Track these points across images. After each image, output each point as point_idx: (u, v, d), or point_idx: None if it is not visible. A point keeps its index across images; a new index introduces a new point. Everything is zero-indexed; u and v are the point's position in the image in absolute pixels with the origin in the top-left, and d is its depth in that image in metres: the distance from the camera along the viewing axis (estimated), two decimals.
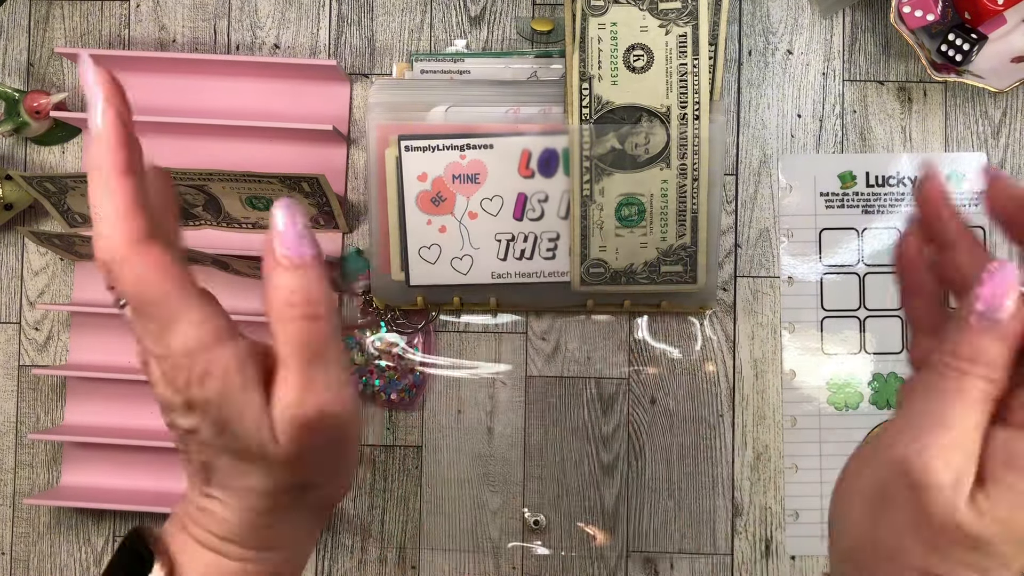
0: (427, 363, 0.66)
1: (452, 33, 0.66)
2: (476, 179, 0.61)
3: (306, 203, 0.62)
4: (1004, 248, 0.65)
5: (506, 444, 0.66)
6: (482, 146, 0.60)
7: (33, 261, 0.68)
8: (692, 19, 0.58)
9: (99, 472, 0.67)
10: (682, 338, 0.66)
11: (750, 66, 0.66)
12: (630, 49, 0.58)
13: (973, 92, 0.65)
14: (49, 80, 0.68)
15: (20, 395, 0.68)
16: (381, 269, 0.63)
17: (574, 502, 0.65)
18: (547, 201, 0.61)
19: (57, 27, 0.68)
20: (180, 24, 0.68)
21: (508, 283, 0.62)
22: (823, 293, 0.65)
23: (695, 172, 0.59)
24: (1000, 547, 0.27)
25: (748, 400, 0.65)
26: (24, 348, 0.68)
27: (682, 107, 0.58)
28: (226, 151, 0.66)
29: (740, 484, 0.65)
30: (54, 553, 0.67)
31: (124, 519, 0.67)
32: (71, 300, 0.67)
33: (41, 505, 0.67)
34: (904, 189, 0.65)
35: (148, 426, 0.66)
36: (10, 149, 0.68)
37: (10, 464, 0.67)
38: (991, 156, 0.65)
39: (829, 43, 0.66)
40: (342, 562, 0.66)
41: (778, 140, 0.66)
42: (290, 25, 0.67)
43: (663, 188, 0.60)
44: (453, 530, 0.66)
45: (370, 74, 0.67)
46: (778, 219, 0.66)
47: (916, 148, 0.65)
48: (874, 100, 0.66)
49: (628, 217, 0.60)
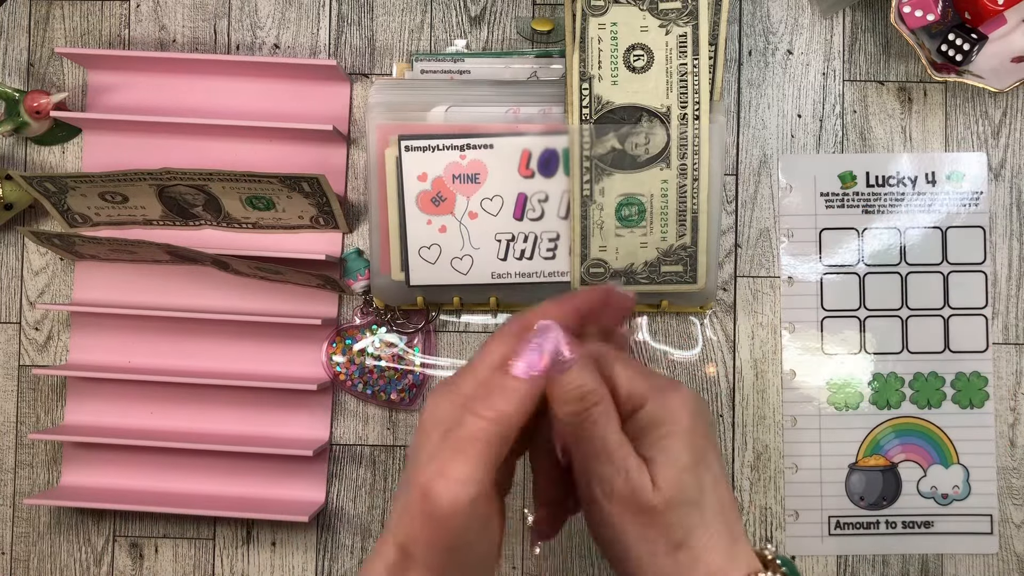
0: (427, 363, 0.66)
1: (452, 33, 0.66)
2: (476, 179, 0.61)
3: (306, 203, 0.62)
4: (1004, 248, 0.65)
5: None
6: (482, 146, 0.60)
7: (33, 261, 0.68)
8: (692, 19, 0.58)
9: (99, 472, 0.67)
10: (682, 338, 0.66)
11: (750, 66, 0.66)
12: (630, 49, 0.58)
13: (973, 92, 0.65)
14: (49, 80, 0.68)
15: (20, 395, 0.68)
16: (381, 269, 0.63)
17: None
18: (547, 201, 0.61)
19: (57, 27, 0.68)
20: (180, 24, 0.68)
21: (508, 283, 0.62)
22: (823, 293, 0.65)
23: (695, 172, 0.59)
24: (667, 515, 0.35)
25: (748, 400, 0.65)
26: (24, 348, 0.68)
27: (682, 107, 0.58)
28: (226, 151, 0.66)
29: (740, 484, 0.65)
30: (54, 553, 0.67)
31: (124, 519, 0.67)
32: (71, 300, 0.67)
33: (41, 505, 0.67)
34: (904, 189, 0.65)
35: (148, 426, 0.66)
36: (10, 149, 0.68)
37: (10, 464, 0.67)
38: (991, 156, 0.65)
39: (829, 43, 0.66)
40: (342, 562, 0.66)
41: (778, 140, 0.66)
42: (290, 25, 0.67)
43: (663, 188, 0.60)
44: None
45: (370, 74, 0.67)
46: (778, 219, 0.66)
47: (916, 148, 0.65)
48: (874, 100, 0.66)
49: (628, 217, 0.60)
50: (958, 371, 0.65)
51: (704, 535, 0.35)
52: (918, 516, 0.64)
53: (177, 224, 0.66)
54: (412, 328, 0.66)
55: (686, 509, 0.35)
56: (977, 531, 0.64)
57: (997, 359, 0.65)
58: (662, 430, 0.36)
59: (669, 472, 0.35)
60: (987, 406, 0.64)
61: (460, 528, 0.32)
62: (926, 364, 0.65)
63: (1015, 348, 0.65)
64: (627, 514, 0.35)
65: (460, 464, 0.32)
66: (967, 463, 0.64)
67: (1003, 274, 0.65)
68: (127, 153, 0.66)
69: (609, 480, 0.35)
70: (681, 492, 0.35)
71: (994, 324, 0.65)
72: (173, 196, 0.63)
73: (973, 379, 0.64)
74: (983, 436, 0.64)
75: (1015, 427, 0.64)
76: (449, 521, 0.32)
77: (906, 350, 0.65)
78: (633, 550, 0.36)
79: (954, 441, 0.64)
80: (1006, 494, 0.64)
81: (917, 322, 0.65)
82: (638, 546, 0.35)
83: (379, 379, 0.65)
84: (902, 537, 0.64)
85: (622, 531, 0.36)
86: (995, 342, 0.65)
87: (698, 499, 0.35)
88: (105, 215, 0.65)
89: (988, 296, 0.65)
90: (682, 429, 0.36)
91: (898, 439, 0.65)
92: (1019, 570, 0.64)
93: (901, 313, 0.65)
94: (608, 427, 0.36)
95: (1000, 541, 0.64)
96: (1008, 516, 0.64)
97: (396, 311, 0.65)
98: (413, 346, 0.65)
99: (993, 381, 0.64)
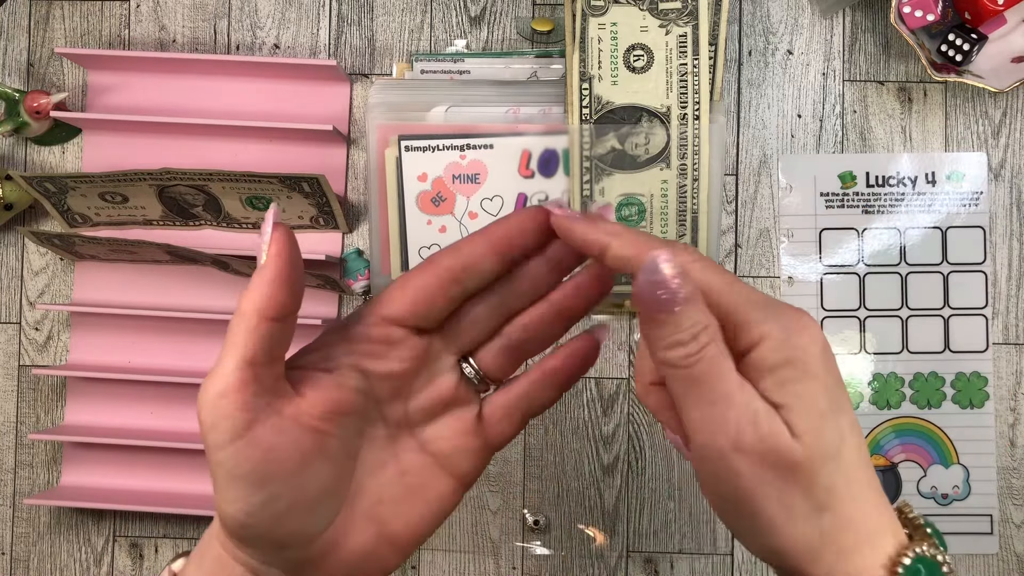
0: None
1: (452, 33, 0.66)
2: (476, 179, 0.61)
3: (306, 203, 0.62)
4: (1004, 248, 0.65)
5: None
6: (482, 146, 0.60)
7: (33, 261, 0.68)
8: (692, 19, 0.58)
9: (99, 472, 0.67)
10: None
11: (750, 66, 0.66)
12: (630, 49, 0.58)
13: (973, 92, 0.65)
14: (49, 80, 0.68)
15: (20, 395, 0.68)
16: (381, 269, 0.63)
17: (574, 502, 0.65)
18: (547, 201, 0.61)
19: (57, 27, 0.68)
20: (180, 24, 0.68)
21: None
22: (823, 293, 0.65)
23: (695, 172, 0.59)
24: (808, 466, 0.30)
25: None
26: (24, 348, 0.68)
27: (682, 107, 0.58)
28: (226, 151, 0.66)
29: None
30: (54, 553, 0.67)
31: (124, 519, 0.67)
32: (71, 300, 0.67)
33: (41, 505, 0.67)
34: (904, 189, 0.65)
35: (148, 426, 0.66)
36: (10, 149, 0.68)
37: (10, 464, 0.67)
38: (991, 156, 0.65)
39: (829, 43, 0.66)
40: None
41: (778, 140, 0.66)
42: (290, 25, 0.67)
43: (663, 188, 0.60)
44: (453, 530, 0.66)
45: (370, 74, 0.67)
46: (778, 219, 0.66)
47: (916, 148, 0.65)
48: (874, 100, 0.66)
49: (628, 217, 0.60)
50: (958, 371, 0.65)
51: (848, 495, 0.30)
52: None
53: (177, 224, 0.66)
54: None
55: (831, 464, 0.30)
56: (977, 531, 0.64)
57: (997, 359, 0.65)
58: (792, 371, 0.30)
59: (808, 420, 0.29)
60: (987, 406, 0.64)
61: (207, 425, 0.28)
62: (926, 364, 0.65)
63: (1015, 348, 0.65)
64: (761, 469, 0.30)
65: (218, 361, 0.29)
66: (967, 463, 0.64)
67: (1003, 274, 0.65)
68: (127, 153, 0.66)
69: (736, 427, 0.30)
70: (823, 443, 0.30)
71: (994, 324, 0.65)
72: (173, 196, 0.63)
73: (973, 379, 0.64)
74: (983, 436, 0.64)
75: (1015, 427, 0.64)
76: (199, 414, 0.28)
77: (906, 350, 0.65)
78: (766, 512, 0.30)
79: (954, 441, 0.64)
80: (1006, 494, 0.64)
81: (917, 322, 0.65)
82: (772, 507, 0.30)
83: None
84: None
85: (752, 489, 0.30)
86: (995, 342, 0.65)
87: (838, 452, 0.30)
88: (105, 215, 0.65)
89: (988, 296, 0.65)
90: (816, 370, 0.30)
91: (898, 439, 0.65)
92: (1019, 570, 0.64)
93: (901, 313, 0.65)
94: (724, 364, 0.30)
95: (1000, 541, 0.64)
96: (1008, 516, 0.64)
97: None
98: None
99: (993, 381, 0.64)
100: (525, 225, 0.33)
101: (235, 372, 0.28)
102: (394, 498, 0.33)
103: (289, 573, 0.31)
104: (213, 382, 0.28)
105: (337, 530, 0.31)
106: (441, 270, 0.32)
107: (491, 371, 0.35)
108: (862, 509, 0.30)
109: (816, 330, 0.31)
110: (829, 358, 0.31)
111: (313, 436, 0.30)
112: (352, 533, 0.32)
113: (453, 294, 0.32)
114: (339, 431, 0.31)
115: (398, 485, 0.33)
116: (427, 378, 0.33)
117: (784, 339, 0.30)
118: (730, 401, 0.30)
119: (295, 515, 0.30)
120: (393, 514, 0.33)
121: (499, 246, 0.33)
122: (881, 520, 0.31)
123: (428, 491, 0.34)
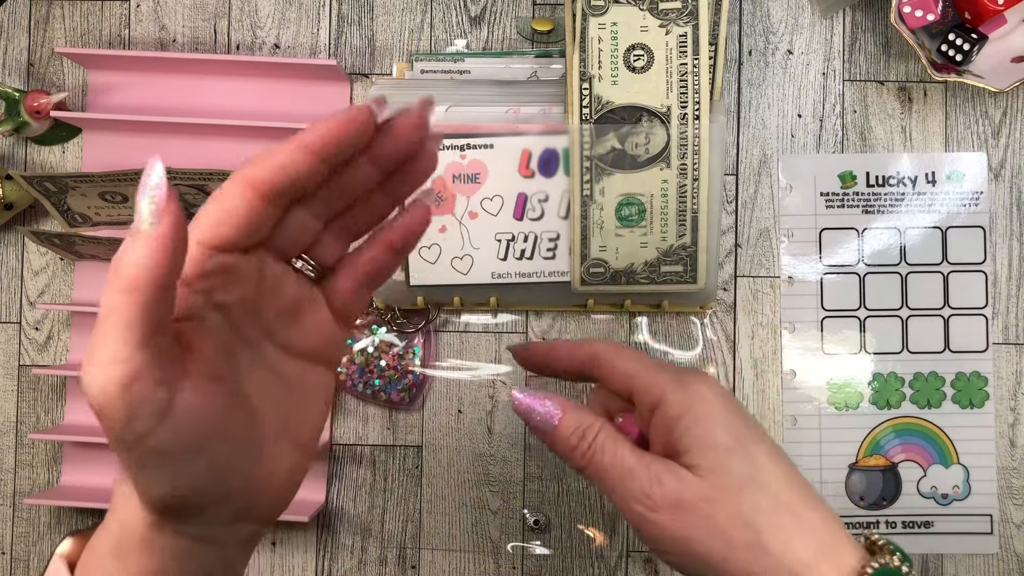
0: (427, 363, 0.66)
1: (452, 33, 0.66)
2: (476, 179, 0.61)
3: None
4: (1004, 248, 0.65)
5: (506, 444, 0.66)
6: (482, 146, 0.60)
7: (33, 261, 0.68)
8: (692, 19, 0.58)
9: (99, 472, 0.67)
10: (682, 338, 0.66)
11: (750, 66, 0.66)
12: (630, 49, 0.58)
13: (973, 92, 0.65)
14: (49, 80, 0.68)
15: (20, 395, 0.68)
16: None
17: (574, 502, 0.65)
18: (547, 201, 0.61)
19: (57, 27, 0.68)
20: (180, 24, 0.68)
21: (508, 283, 0.62)
22: (823, 293, 0.65)
23: (695, 172, 0.59)
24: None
25: (748, 400, 0.65)
26: (24, 348, 0.68)
27: (682, 107, 0.58)
28: (226, 151, 0.66)
29: None
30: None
31: None
32: (71, 300, 0.67)
33: (41, 505, 0.67)
34: (904, 189, 0.65)
35: None
36: (10, 149, 0.68)
37: (10, 464, 0.67)
38: (991, 156, 0.65)
39: (829, 43, 0.66)
40: (342, 562, 0.66)
41: (778, 140, 0.66)
42: (290, 25, 0.67)
43: (663, 188, 0.60)
44: (453, 530, 0.66)
45: (370, 74, 0.67)
46: (778, 219, 0.66)
47: (916, 148, 0.65)
48: (874, 100, 0.66)
49: (628, 217, 0.60)
50: (958, 371, 0.65)
51: (778, 517, 0.32)
52: (918, 516, 0.64)
53: None
54: (412, 328, 0.66)
55: (747, 490, 0.32)
56: (977, 531, 0.64)
57: (997, 359, 0.65)
58: (691, 417, 0.34)
59: (711, 457, 0.32)
60: (987, 406, 0.64)
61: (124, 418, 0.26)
62: (926, 364, 0.65)
63: (1015, 348, 0.65)
64: (681, 516, 0.33)
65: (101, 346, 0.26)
66: (967, 463, 0.64)
67: (1003, 274, 0.65)
68: (127, 153, 0.66)
69: (645, 493, 0.33)
70: (732, 474, 0.32)
71: (994, 324, 0.65)
72: None
73: (973, 379, 0.64)
74: (983, 436, 0.64)
75: (1015, 427, 0.64)
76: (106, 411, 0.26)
77: (906, 350, 0.65)
78: (706, 549, 0.33)
79: (954, 441, 0.64)
80: (1006, 494, 0.64)
81: (917, 322, 0.65)
82: (709, 542, 0.32)
83: (379, 379, 0.65)
84: (902, 537, 0.64)
85: (686, 537, 0.33)
86: (995, 342, 0.65)
87: (754, 476, 0.32)
88: (105, 215, 0.65)
89: (988, 296, 0.65)
90: (714, 412, 0.34)
91: (898, 439, 0.65)
92: (1019, 570, 0.64)
93: (901, 313, 0.65)
94: (618, 447, 0.34)
95: (1000, 541, 0.64)
96: (1008, 516, 0.64)
97: (396, 311, 0.65)
98: (413, 346, 0.65)
99: (993, 381, 0.64)
100: (346, 129, 0.31)
101: (138, 353, 0.25)
102: (291, 409, 0.33)
103: (230, 524, 0.31)
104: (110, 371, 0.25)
105: (266, 462, 0.32)
106: (253, 190, 0.30)
107: (324, 259, 0.33)
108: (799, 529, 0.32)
109: (712, 381, 0.35)
110: (729, 401, 0.35)
111: (219, 385, 0.29)
112: (276, 457, 0.32)
113: (271, 214, 0.30)
114: (230, 371, 0.30)
115: (288, 396, 0.33)
116: (270, 289, 0.32)
117: (683, 393, 0.34)
118: (632, 474, 0.33)
119: (235, 467, 0.30)
120: (297, 423, 0.33)
121: (323, 154, 0.32)
122: (826, 527, 0.33)
123: (313, 388, 0.34)
